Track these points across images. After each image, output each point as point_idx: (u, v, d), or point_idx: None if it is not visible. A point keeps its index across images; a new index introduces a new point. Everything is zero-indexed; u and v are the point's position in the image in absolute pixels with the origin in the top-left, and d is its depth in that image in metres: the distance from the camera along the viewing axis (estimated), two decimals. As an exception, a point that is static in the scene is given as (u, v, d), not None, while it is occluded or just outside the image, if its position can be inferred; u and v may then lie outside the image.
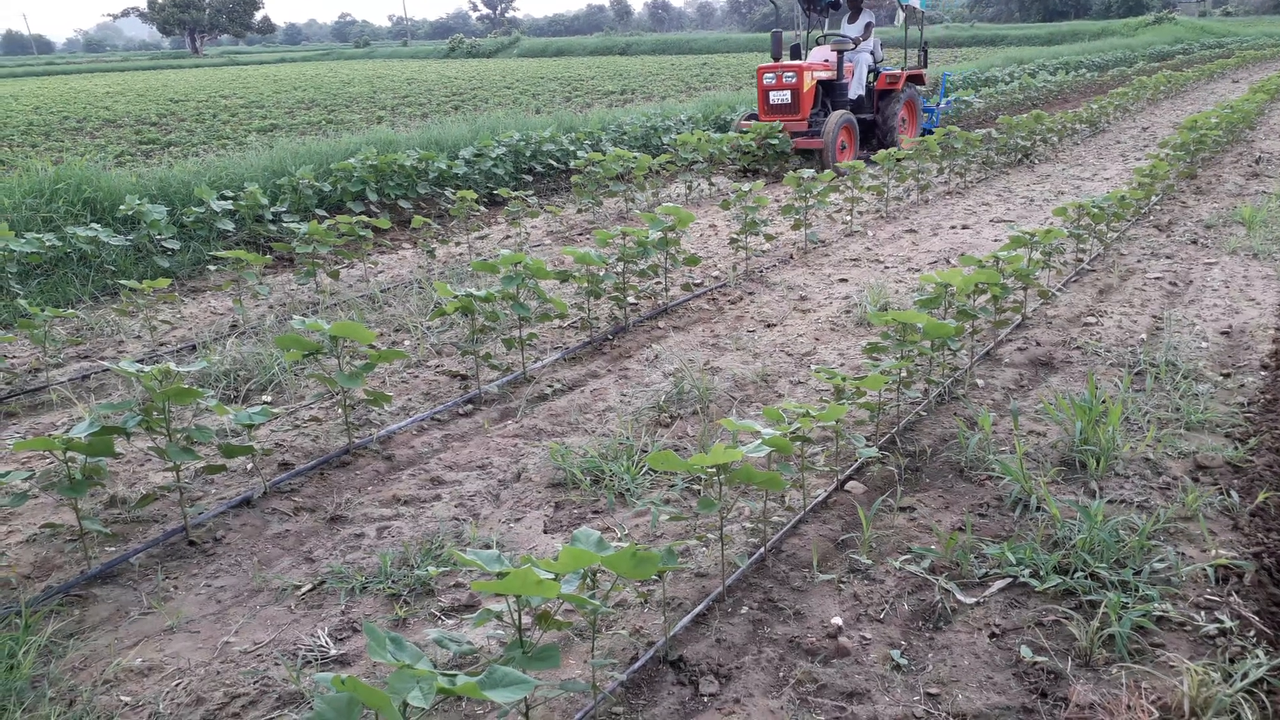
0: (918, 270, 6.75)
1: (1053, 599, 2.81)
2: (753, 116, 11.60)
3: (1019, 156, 11.79)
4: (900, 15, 12.97)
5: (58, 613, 2.93)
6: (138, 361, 3.37)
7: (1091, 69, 26.67)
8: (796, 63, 11.16)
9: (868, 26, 12.06)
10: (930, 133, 12.29)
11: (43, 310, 5.06)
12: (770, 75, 11.07)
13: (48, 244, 6.45)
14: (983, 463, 3.66)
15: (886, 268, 6.91)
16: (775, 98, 11.06)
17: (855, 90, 11.77)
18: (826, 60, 11.62)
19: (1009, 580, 2.90)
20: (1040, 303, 5.73)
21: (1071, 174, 10.80)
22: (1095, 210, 6.33)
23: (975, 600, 2.83)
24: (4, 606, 2.89)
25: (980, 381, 4.56)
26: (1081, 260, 6.71)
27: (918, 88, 12.84)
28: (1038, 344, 5.06)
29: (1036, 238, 5.36)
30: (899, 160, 9.22)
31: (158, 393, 3.18)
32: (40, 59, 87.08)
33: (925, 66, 12.90)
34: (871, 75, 12.15)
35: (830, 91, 11.54)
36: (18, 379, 5.02)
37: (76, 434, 3.02)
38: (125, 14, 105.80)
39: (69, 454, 3.05)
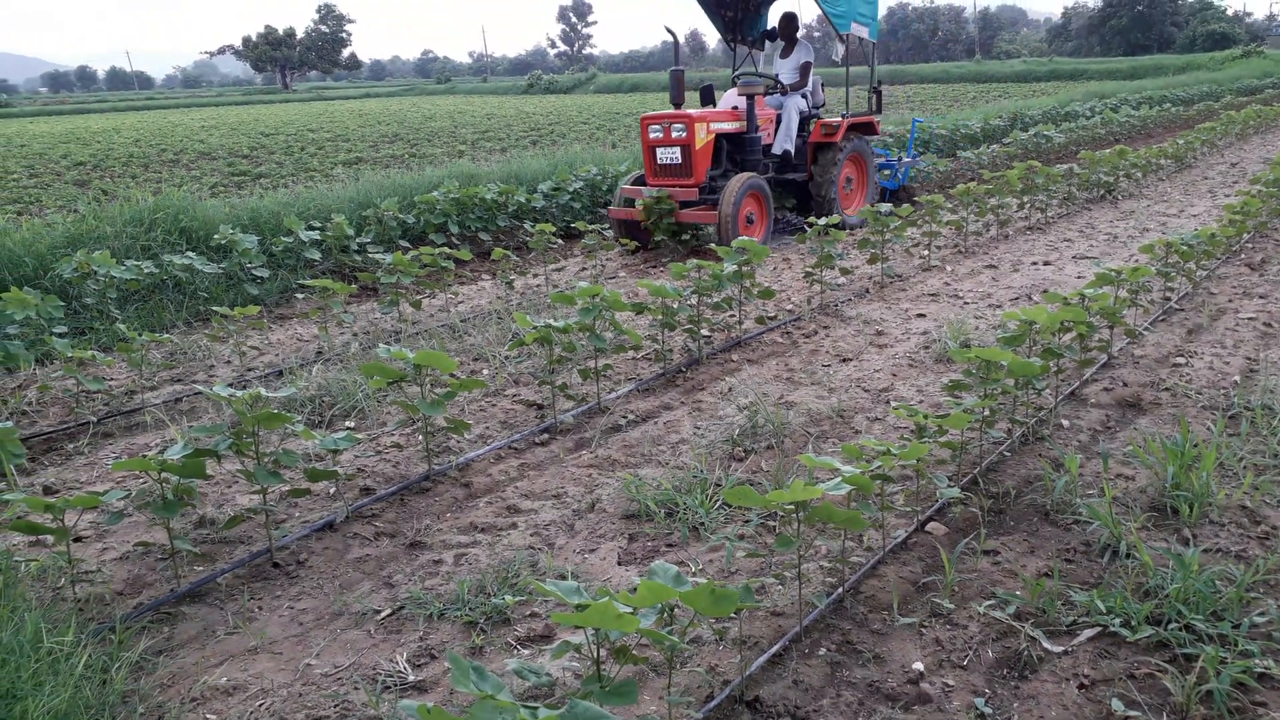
0: (998, 306, 6.62)
1: (1145, 651, 2.71)
2: (641, 180, 9.06)
3: (1102, 192, 11.53)
4: (839, 49, 10.09)
5: (148, 629, 3.01)
6: (228, 386, 3.48)
7: (1176, 103, 25.99)
8: (687, 111, 8.53)
9: (805, 67, 9.76)
10: (896, 194, 11.05)
11: (140, 335, 5.27)
12: (656, 127, 8.54)
13: (146, 271, 6.72)
14: (1069, 506, 3.56)
15: (966, 303, 6.80)
16: (663, 155, 8.63)
17: (782, 144, 9.38)
18: (735, 108, 9.07)
19: (1098, 629, 2.81)
20: (1127, 342, 5.57)
21: (1157, 210, 10.52)
22: (1184, 248, 6.15)
23: (1063, 649, 2.74)
24: (99, 623, 2.99)
25: (1065, 422, 4.44)
26: (1169, 299, 6.51)
27: (868, 139, 10.19)
28: (1125, 384, 4.92)
29: (1123, 275, 5.22)
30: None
31: (248, 417, 3.27)
32: (141, 94, 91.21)
33: (878, 111, 10.31)
34: (807, 125, 9.83)
35: (740, 147, 9.02)
36: (115, 400, 5.22)
37: (171, 456, 3.13)
38: (221, 51, 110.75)
39: (163, 475, 3.16)
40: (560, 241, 8.85)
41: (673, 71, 8.88)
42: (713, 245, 6.68)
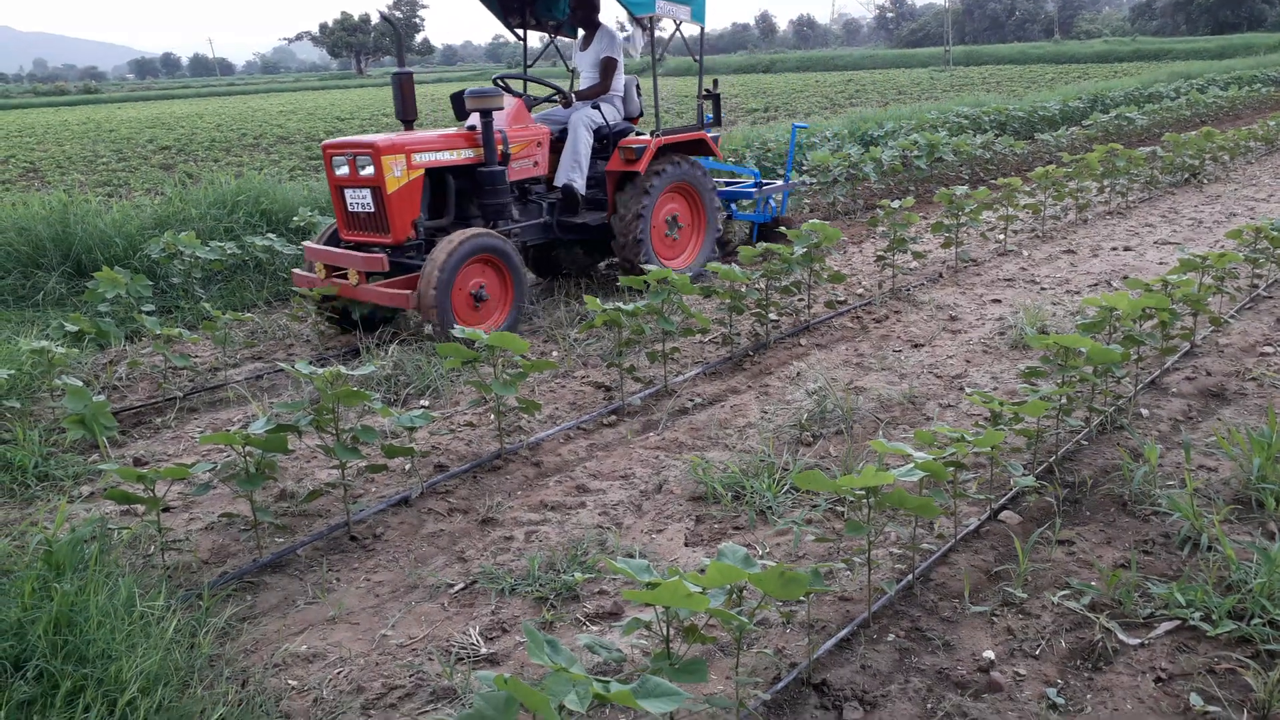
0: (1076, 292, 6.47)
1: (1226, 645, 2.64)
2: (336, 236, 6.09)
3: (1186, 176, 11.15)
4: (638, 39, 7.33)
5: (232, 597, 3.13)
6: (309, 364, 3.60)
7: (1268, 84, 24.95)
8: (373, 138, 5.71)
9: (607, 64, 6.85)
10: (768, 230, 7.97)
11: (223, 314, 5.44)
12: (340, 159, 5.72)
13: (229, 252, 6.93)
14: (1148, 497, 3.47)
15: (1043, 289, 6.65)
16: (353, 201, 5.77)
17: (567, 174, 6.53)
18: (473, 127, 6.07)
19: (1177, 623, 2.75)
20: (1211, 330, 5.40)
21: (1245, 194, 10.13)
22: (1274, 233, 5.93)
23: (1139, 641, 2.69)
24: (187, 589, 3.12)
25: (1145, 411, 4.33)
26: (1257, 286, 6.28)
27: (704, 163, 7.21)
28: (1208, 374, 4.77)
29: (1208, 261, 5.06)
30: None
31: (328, 394, 3.37)
32: (222, 80, 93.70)
33: (718, 122, 7.48)
34: (607, 144, 6.88)
35: (479, 187, 6.04)
36: (200, 376, 5.40)
37: (255, 431, 3.23)
38: (299, 37, 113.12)
39: (247, 449, 3.27)
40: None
41: (396, 75, 5.84)
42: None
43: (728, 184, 8.35)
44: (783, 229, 7.59)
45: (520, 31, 7.22)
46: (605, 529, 3.48)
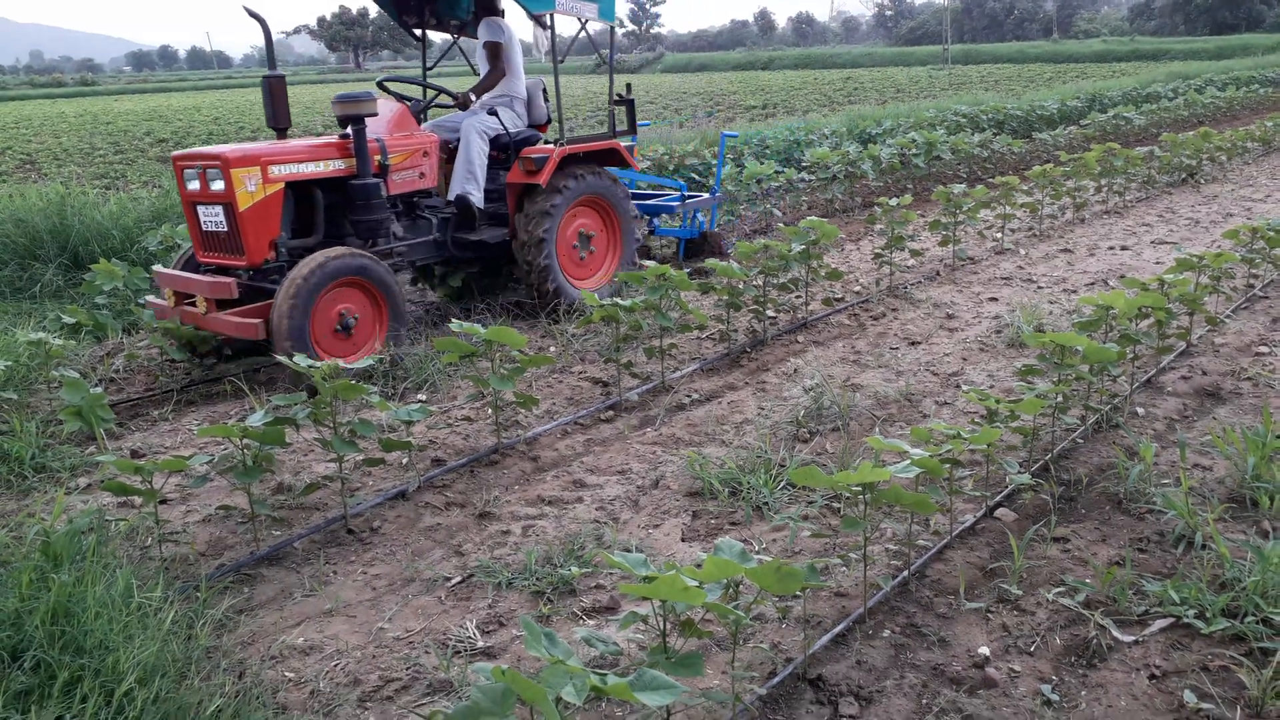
0: (1073, 291, 6.48)
1: (1219, 643, 2.65)
2: (193, 259, 5.40)
3: (1183, 176, 11.17)
4: (540, 38, 6.73)
5: (229, 589, 3.14)
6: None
7: (1266, 84, 24.97)
8: (221, 148, 5.02)
9: (491, 50, 6.32)
10: (697, 247, 7.67)
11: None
12: (191, 173, 5.10)
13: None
14: (1143, 495, 3.49)
15: (1040, 288, 6.66)
16: (207, 219, 5.13)
17: (461, 185, 5.94)
18: (346, 134, 5.35)
19: (1171, 620, 2.76)
20: (1207, 329, 5.41)
21: (1241, 195, 10.16)
22: (1271, 233, 5.94)
23: (1134, 639, 2.70)
24: (184, 581, 3.12)
25: (1140, 410, 4.35)
26: (1253, 286, 6.30)
27: (621, 175, 6.72)
28: (1204, 373, 4.78)
29: (1204, 260, 5.07)
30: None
31: (326, 387, 3.37)
32: (220, 73, 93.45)
33: (630, 131, 6.90)
34: (510, 153, 6.29)
35: (352, 201, 5.38)
36: (196, 370, 5.40)
37: (252, 423, 3.24)
38: (297, 31, 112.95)
39: (245, 441, 3.27)
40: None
41: (266, 79, 5.23)
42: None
43: (650, 197, 7.78)
44: (713, 246, 7.53)
45: (419, 32, 6.71)
46: (602, 524, 3.48)
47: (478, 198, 5.95)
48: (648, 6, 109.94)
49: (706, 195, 7.83)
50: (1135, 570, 3.02)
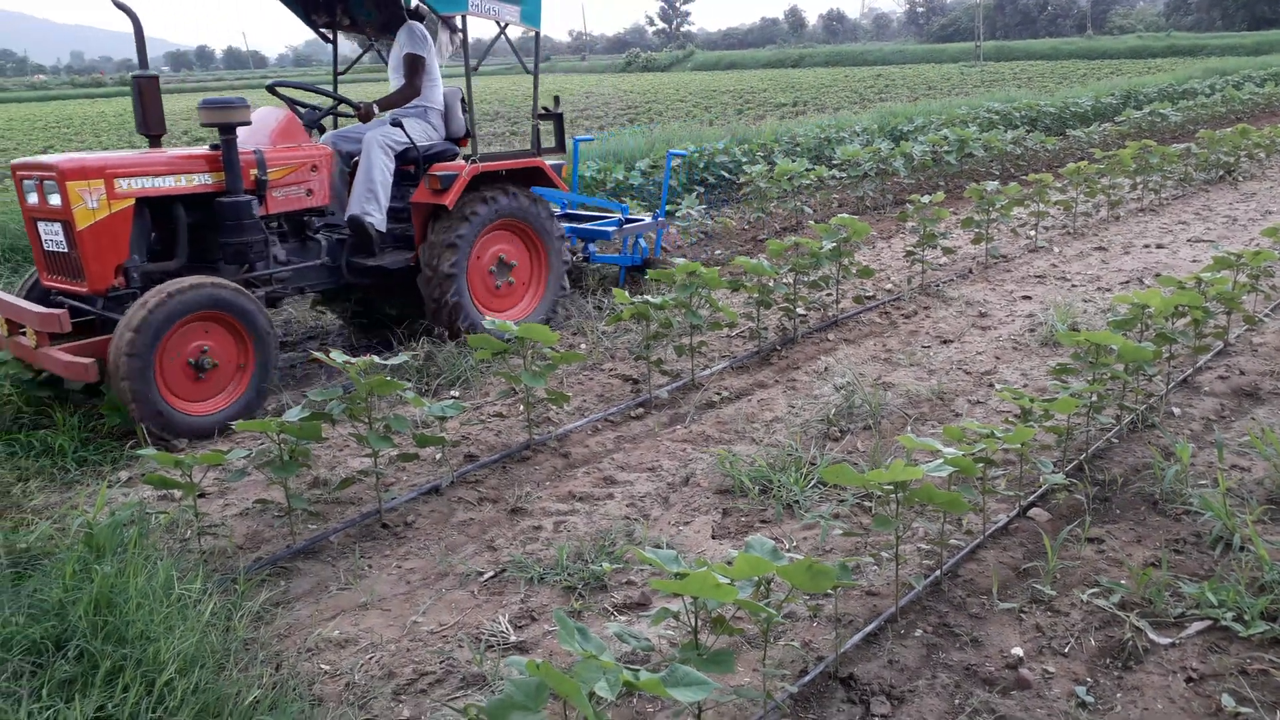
0: (1108, 290, 6.41)
1: (1258, 646, 2.62)
2: (37, 284, 4.88)
3: (1221, 173, 11.00)
4: (446, 41, 6.14)
5: (266, 582, 3.18)
6: (342, 354, 3.64)
7: (1308, 79, 24.52)
8: (57, 158, 4.50)
9: (411, 62, 5.70)
10: (638, 274, 6.94)
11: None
12: (30, 184, 4.56)
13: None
14: (1180, 496, 3.45)
15: (1074, 286, 6.60)
16: (48, 237, 4.61)
17: (360, 205, 5.31)
18: (218, 145, 4.78)
19: (1209, 623, 2.73)
20: (1245, 329, 5.34)
21: (1284, 192, 10.00)
22: (1314, 231, 5.84)
23: (1170, 641, 2.67)
24: (222, 574, 3.17)
25: (1176, 410, 4.30)
26: (1296, 285, 6.20)
27: (548, 196, 6.03)
28: (1241, 372, 4.72)
29: (1243, 259, 5.00)
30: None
31: (362, 383, 3.41)
32: (256, 73, 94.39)
33: (559, 148, 6.22)
34: (420, 170, 5.62)
35: (224, 221, 4.80)
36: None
37: (289, 418, 3.28)
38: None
39: (282, 436, 3.32)
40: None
41: (136, 79, 4.87)
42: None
43: (587, 221, 7.01)
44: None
45: (329, 34, 6.16)
46: (633, 520, 3.50)
47: (377, 219, 5.31)
48: (677, 5, 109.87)
49: (647, 218, 7.04)
50: (1171, 572, 2.99)
